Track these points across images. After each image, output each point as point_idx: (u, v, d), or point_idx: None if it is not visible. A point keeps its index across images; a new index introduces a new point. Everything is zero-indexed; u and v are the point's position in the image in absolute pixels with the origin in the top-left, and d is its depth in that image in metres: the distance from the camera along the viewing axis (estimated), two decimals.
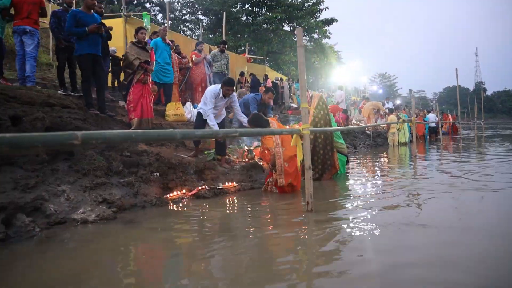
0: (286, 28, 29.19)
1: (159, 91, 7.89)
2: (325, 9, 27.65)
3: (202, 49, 8.96)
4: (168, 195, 4.16)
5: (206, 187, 4.44)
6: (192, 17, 29.72)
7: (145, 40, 5.85)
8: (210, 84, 8.79)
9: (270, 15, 26.75)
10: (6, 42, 7.56)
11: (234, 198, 4.33)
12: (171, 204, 4.03)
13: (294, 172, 4.23)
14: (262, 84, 14.06)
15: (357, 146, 11.43)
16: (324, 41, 30.98)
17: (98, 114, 5.24)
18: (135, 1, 35.42)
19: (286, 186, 4.27)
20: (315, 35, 29.96)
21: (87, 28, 4.95)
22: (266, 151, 4.67)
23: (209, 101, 4.99)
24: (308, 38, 31.09)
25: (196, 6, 28.92)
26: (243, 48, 28.96)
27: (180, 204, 4.04)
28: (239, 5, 28.46)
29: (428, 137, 17.65)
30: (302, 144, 3.42)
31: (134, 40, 5.75)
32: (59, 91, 6.01)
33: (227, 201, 4.19)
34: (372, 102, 15.38)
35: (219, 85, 5.10)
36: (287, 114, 13.37)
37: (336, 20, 29.23)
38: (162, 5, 34.72)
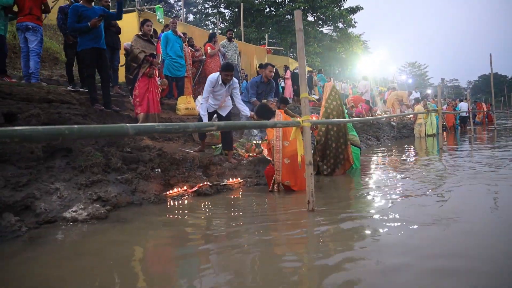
0: (310, 18, 28.54)
1: (171, 85, 7.77)
2: None
3: (216, 41, 8.75)
4: (167, 192, 4.00)
5: (208, 183, 4.25)
6: (214, 11, 29.52)
7: (151, 33, 5.70)
8: None
9: (293, 5, 26.17)
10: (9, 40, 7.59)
11: (237, 195, 4.11)
12: (170, 201, 3.87)
13: (294, 171, 3.93)
14: (282, 76, 13.75)
15: (380, 138, 10.92)
16: (350, 30, 30.03)
17: (103, 110, 5.16)
18: None
19: (284, 183, 4.01)
20: (340, 25, 29.11)
21: (89, 23, 4.84)
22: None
23: (205, 90, 4.78)
24: (332, 28, 30.29)
25: None
26: (268, 40, 28.55)
27: (179, 202, 3.87)
28: None
29: (459, 127, 16.74)
30: (302, 137, 3.15)
31: (139, 33, 5.61)
32: (68, 87, 5.99)
33: (229, 199, 3.98)
34: (397, 91, 14.68)
35: (218, 72, 4.86)
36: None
37: (362, 8, 28.24)
38: None
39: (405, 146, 9.80)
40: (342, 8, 27.45)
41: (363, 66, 31.07)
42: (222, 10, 29.62)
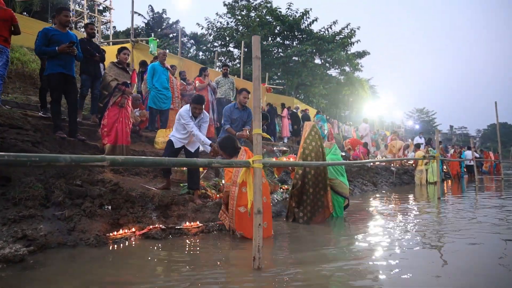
0: (317, 60, 28.82)
1: (155, 117, 7.50)
2: (357, 42, 27.04)
3: (207, 75, 8.57)
4: (110, 234, 3.53)
5: (161, 226, 3.78)
6: (223, 49, 30.11)
7: (127, 61, 5.48)
8: (213, 112, 8.33)
9: (300, 47, 26.50)
10: None
11: (189, 242, 3.62)
12: (111, 244, 3.40)
13: (249, 220, 3.43)
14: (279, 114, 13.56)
15: (377, 183, 10.37)
16: (356, 74, 30.24)
17: (65, 138, 4.82)
18: (172, 35, 36.87)
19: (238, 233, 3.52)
20: (346, 68, 29.32)
21: (57, 48, 4.63)
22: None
23: (187, 120, 4.40)
24: (339, 71, 30.50)
25: (227, 39, 29.31)
26: (277, 80, 28.74)
27: (122, 245, 3.40)
28: (270, 38, 28.54)
29: (464, 176, 16.08)
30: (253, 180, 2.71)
31: (115, 61, 5.38)
32: (39, 113, 5.73)
33: (178, 246, 3.48)
34: (396, 142, 14.15)
35: (189, 105, 4.53)
36: None
37: (368, 53, 28.48)
38: (196, 37, 35.83)
39: (403, 193, 9.22)
40: (349, 52, 27.69)
41: (369, 110, 31.00)
42: (231, 49, 30.21)
